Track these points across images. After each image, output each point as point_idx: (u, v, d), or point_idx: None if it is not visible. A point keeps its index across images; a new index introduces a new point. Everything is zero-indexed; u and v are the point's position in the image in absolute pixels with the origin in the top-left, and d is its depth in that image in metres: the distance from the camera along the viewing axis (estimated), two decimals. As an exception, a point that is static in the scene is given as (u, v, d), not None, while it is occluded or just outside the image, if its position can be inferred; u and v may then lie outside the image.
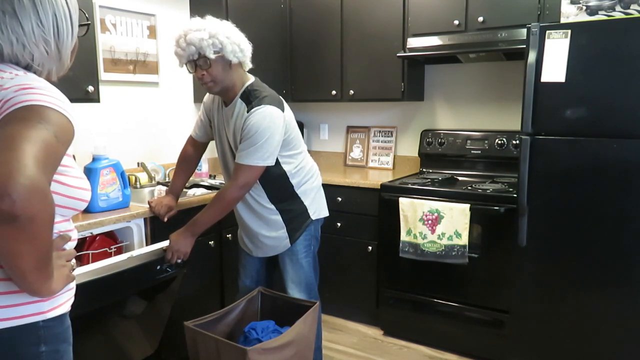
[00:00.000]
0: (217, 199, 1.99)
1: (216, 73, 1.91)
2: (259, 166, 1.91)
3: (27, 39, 1.01)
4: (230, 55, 1.89)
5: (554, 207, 2.23)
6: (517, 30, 2.56)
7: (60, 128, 0.91)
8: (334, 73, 3.28)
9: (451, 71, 3.24)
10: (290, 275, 2.18)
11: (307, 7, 3.33)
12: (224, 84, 1.96)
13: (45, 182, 0.85)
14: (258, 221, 2.11)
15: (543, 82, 2.17)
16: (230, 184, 1.96)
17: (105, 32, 2.68)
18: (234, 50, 1.89)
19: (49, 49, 1.04)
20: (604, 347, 2.19)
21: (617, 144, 2.07)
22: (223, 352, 1.77)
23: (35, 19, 1.01)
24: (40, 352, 0.99)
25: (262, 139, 1.88)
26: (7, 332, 0.95)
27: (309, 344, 2.03)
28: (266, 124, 1.89)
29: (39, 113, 0.89)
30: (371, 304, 3.02)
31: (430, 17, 2.90)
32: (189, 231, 1.99)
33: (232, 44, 1.88)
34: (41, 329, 0.99)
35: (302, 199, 2.11)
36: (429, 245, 2.64)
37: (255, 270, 2.28)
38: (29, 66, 1.03)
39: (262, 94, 1.95)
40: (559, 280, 2.26)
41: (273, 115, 1.91)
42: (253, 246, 2.19)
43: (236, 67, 1.96)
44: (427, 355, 2.75)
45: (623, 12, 2.12)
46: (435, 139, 3.22)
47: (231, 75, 1.95)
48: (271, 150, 1.92)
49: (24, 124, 0.86)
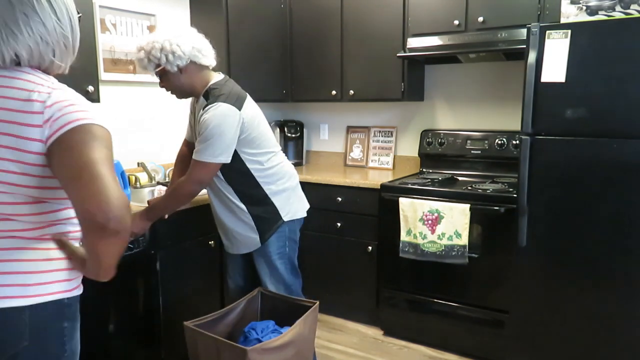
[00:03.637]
0: (172, 190, 2.04)
1: (167, 83, 2.01)
2: (211, 162, 1.93)
3: (50, 37, 1.08)
4: (168, 65, 1.94)
5: (554, 207, 2.23)
6: (517, 30, 2.56)
7: (106, 139, 1.05)
8: (334, 73, 3.28)
9: (451, 71, 3.24)
10: (268, 276, 2.19)
11: (307, 7, 3.33)
12: (181, 89, 2.04)
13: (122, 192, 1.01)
14: (231, 217, 2.12)
15: (543, 82, 2.17)
16: (185, 178, 1.99)
17: (105, 32, 2.68)
18: (170, 59, 1.92)
19: (68, 43, 1.13)
20: (604, 347, 2.19)
21: (617, 144, 2.07)
22: (223, 352, 1.77)
23: (54, 17, 1.08)
24: (63, 327, 1.11)
25: (212, 137, 1.90)
26: (40, 308, 1.06)
27: (309, 344, 2.03)
28: (217, 122, 1.90)
29: (89, 132, 1.01)
30: (371, 304, 3.02)
31: (430, 17, 2.90)
32: (144, 214, 2.04)
33: (167, 54, 1.92)
34: (65, 306, 1.11)
35: (273, 200, 2.11)
36: (429, 245, 2.64)
37: (241, 268, 2.30)
38: (50, 65, 1.11)
39: (220, 92, 1.98)
40: (559, 280, 2.26)
41: (225, 113, 1.92)
42: (228, 242, 2.22)
43: (188, 68, 1.98)
44: (427, 355, 2.75)
45: (623, 12, 2.12)
46: (435, 139, 3.22)
47: (186, 79, 2.00)
48: (223, 148, 1.93)
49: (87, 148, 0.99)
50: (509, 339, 2.46)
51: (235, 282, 2.34)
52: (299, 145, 3.76)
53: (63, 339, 1.12)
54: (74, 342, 1.15)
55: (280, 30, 3.40)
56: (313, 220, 2.60)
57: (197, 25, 2.50)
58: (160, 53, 1.92)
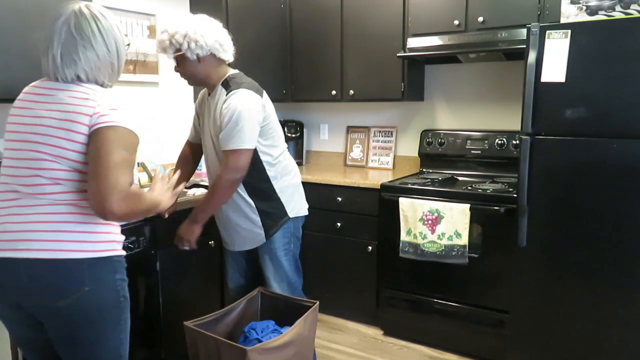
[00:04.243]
0: (212, 187, 2.04)
1: (183, 69, 2.04)
2: (243, 148, 1.95)
3: (101, 63, 1.42)
4: (188, 52, 1.96)
5: (553, 207, 2.23)
6: (517, 30, 2.56)
7: (130, 142, 1.37)
8: (334, 73, 3.28)
9: (451, 71, 3.24)
10: (272, 273, 2.19)
11: (307, 7, 3.33)
12: (196, 77, 2.05)
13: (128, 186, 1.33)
14: (237, 212, 2.12)
15: (543, 82, 2.17)
16: (223, 171, 1.99)
17: (105, 32, 2.68)
18: (192, 47, 1.94)
19: (114, 67, 1.47)
20: (604, 347, 2.19)
21: (617, 144, 2.07)
22: (223, 352, 1.77)
23: (105, 49, 1.42)
24: (116, 279, 1.41)
25: (241, 121, 1.93)
26: (95, 261, 1.35)
27: (309, 344, 2.03)
28: (244, 107, 1.94)
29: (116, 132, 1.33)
30: (371, 304, 3.02)
31: (430, 17, 2.90)
32: (192, 219, 2.06)
33: (190, 41, 1.94)
34: (115, 262, 1.41)
35: (279, 195, 2.13)
36: (429, 245, 2.64)
37: (242, 267, 2.30)
38: (103, 83, 1.44)
39: (241, 81, 2.03)
40: (559, 280, 2.26)
41: (250, 98, 1.97)
42: (230, 239, 2.21)
43: (207, 59, 2.00)
44: (427, 355, 2.75)
45: (623, 12, 2.12)
46: (435, 139, 3.22)
47: (202, 68, 2.02)
48: (253, 132, 1.97)
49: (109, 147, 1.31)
50: (509, 339, 2.46)
51: (234, 281, 2.33)
52: (299, 145, 3.76)
53: (117, 289, 1.41)
54: (126, 292, 1.45)
55: (280, 30, 3.39)
56: (313, 220, 2.60)
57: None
58: (183, 39, 1.93)
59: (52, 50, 1.38)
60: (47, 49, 1.39)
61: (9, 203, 1.35)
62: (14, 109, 1.43)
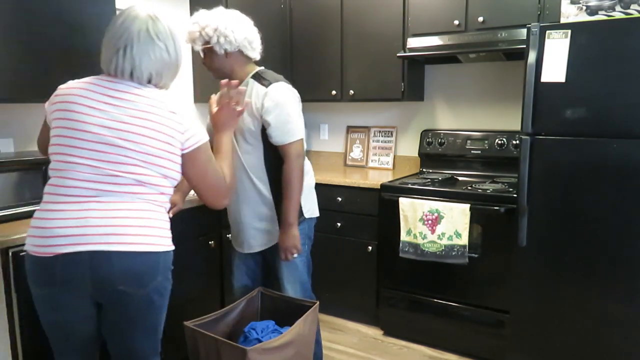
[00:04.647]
0: (286, 184, 2.02)
1: (209, 62, 2.04)
2: (300, 138, 2.02)
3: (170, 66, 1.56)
4: (217, 46, 1.96)
5: (554, 207, 2.23)
6: (517, 30, 2.56)
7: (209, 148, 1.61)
8: (334, 73, 3.28)
9: (451, 71, 3.24)
10: (285, 274, 2.17)
11: (307, 7, 3.33)
12: (222, 71, 2.04)
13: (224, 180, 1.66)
14: (251, 212, 2.10)
15: (543, 82, 2.17)
16: (287, 164, 2.00)
17: (105, 32, 2.68)
18: (221, 42, 1.95)
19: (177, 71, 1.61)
20: (604, 347, 2.19)
21: (617, 144, 2.07)
22: (223, 352, 1.77)
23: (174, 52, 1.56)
24: (171, 270, 1.55)
25: (293, 112, 2.00)
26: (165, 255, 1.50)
27: (309, 344, 2.03)
28: (290, 99, 2.01)
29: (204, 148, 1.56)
30: (371, 304, 3.02)
31: (430, 17, 2.90)
32: (287, 225, 2.04)
33: (220, 36, 1.94)
34: (171, 257, 1.54)
35: None
36: (429, 245, 2.64)
37: (250, 269, 2.27)
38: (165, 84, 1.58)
39: (275, 75, 2.07)
40: (559, 280, 2.26)
41: (292, 91, 2.05)
42: (242, 239, 2.17)
43: (234, 55, 2.01)
44: (427, 355, 2.75)
45: (623, 12, 2.12)
46: (435, 139, 3.22)
47: (228, 63, 2.02)
48: (301, 122, 2.04)
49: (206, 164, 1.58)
50: (509, 339, 2.46)
51: (240, 282, 2.28)
52: (299, 145, 3.76)
53: (170, 279, 1.56)
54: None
55: (280, 30, 3.39)
56: (313, 220, 2.60)
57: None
58: (214, 33, 1.94)
59: (130, 50, 1.47)
60: (125, 48, 1.46)
61: (87, 199, 1.40)
62: (74, 104, 1.44)
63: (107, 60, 1.49)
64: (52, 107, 1.47)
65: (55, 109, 1.46)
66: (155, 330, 1.61)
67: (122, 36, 1.47)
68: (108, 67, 1.50)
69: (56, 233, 1.37)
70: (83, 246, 1.37)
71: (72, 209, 1.39)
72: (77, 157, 1.41)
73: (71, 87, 1.49)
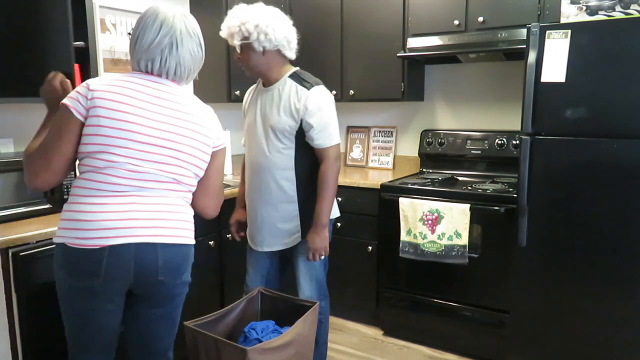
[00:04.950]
0: (322, 188, 2.02)
1: (245, 58, 2.01)
2: (338, 143, 2.05)
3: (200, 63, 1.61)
4: (255, 43, 1.95)
5: (554, 207, 2.23)
6: (517, 30, 2.56)
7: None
8: (334, 73, 3.28)
9: (451, 71, 3.24)
10: (302, 272, 2.17)
11: (307, 7, 3.33)
12: (257, 69, 2.03)
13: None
14: (273, 211, 2.08)
15: (543, 82, 2.17)
16: (326, 166, 2.02)
17: (105, 32, 2.68)
18: (261, 39, 1.94)
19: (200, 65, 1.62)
20: (603, 347, 2.19)
21: (617, 144, 2.07)
22: (223, 352, 1.77)
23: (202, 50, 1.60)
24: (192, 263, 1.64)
25: (332, 116, 2.03)
26: (192, 247, 1.60)
27: (309, 344, 2.03)
28: (330, 103, 2.04)
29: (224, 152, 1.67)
30: (371, 304, 3.02)
31: (430, 17, 2.90)
32: (319, 227, 2.03)
33: (260, 33, 1.93)
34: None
35: None
36: (429, 245, 2.64)
37: (265, 269, 2.24)
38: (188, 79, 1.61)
39: (313, 77, 2.08)
40: (559, 280, 2.26)
41: (330, 95, 2.08)
42: (262, 239, 2.14)
43: (271, 53, 2.00)
44: (427, 355, 2.75)
45: (623, 12, 2.13)
46: (435, 139, 3.22)
47: (265, 61, 2.01)
48: (337, 126, 2.07)
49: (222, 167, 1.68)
50: (509, 339, 2.46)
51: (254, 283, 2.26)
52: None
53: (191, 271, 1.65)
54: None
55: (280, 30, 3.39)
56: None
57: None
58: (254, 29, 1.93)
59: (176, 48, 1.51)
60: (171, 47, 1.50)
61: (129, 194, 1.44)
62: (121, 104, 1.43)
63: (149, 60, 1.50)
64: (89, 102, 1.42)
65: (96, 105, 1.41)
66: (177, 322, 1.68)
67: (167, 35, 1.49)
68: (150, 66, 1.51)
69: (103, 226, 1.40)
70: (130, 238, 1.42)
71: (116, 202, 1.42)
72: (122, 157, 1.43)
73: (113, 84, 1.46)
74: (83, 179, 1.45)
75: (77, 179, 1.47)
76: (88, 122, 1.42)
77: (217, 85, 3.03)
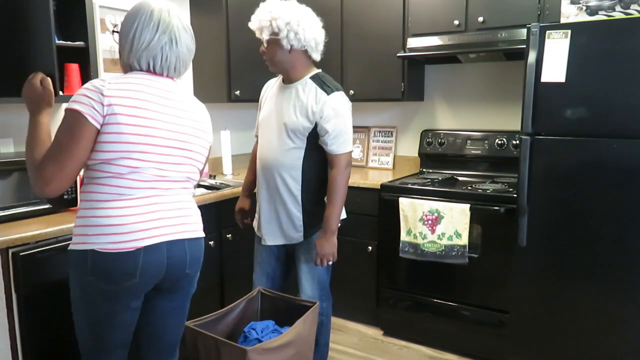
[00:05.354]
0: (332, 193, 2.03)
1: (271, 53, 2.01)
2: (351, 150, 2.06)
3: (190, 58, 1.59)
4: (284, 40, 1.95)
5: (554, 207, 2.23)
6: (517, 30, 2.56)
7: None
8: (334, 73, 3.26)
9: (451, 71, 3.24)
10: (304, 272, 2.17)
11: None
12: (281, 65, 2.03)
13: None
14: (278, 206, 2.09)
15: (543, 82, 2.17)
16: (336, 172, 2.02)
17: (105, 32, 2.68)
18: (290, 37, 1.94)
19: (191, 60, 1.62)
20: (604, 347, 2.19)
21: (617, 144, 2.07)
22: (223, 352, 1.77)
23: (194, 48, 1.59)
24: None
25: (348, 124, 2.04)
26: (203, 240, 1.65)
27: (309, 344, 2.03)
28: (347, 111, 2.04)
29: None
30: (371, 304, 3.02)
31: (430, 17, 2.90)
32: (328, 232, 2.03)
33: (290, 31, 1.93)
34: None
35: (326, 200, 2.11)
36: (429, 245, 2.64)
37: (271, 267, 2.25)
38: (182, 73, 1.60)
39: (334, 82, 2.07)
40: (559, 280, 2.26)
41: (348, 102, 2.07)
42: (266, 231, 2.15)
43: (297, 52, 2.00)
44: (427, 355, 2.75)
45: (623, 12, 2.13)
46: (435, 139, 3.22)
47: (290, 59, 2.01)
48: (351, 134, 2.07)
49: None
50: (509, 339, 2.46)
51: (260, 281, 2.27)
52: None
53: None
54: None
55: (280, 30, 3.39)
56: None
57: (197, 25, 2.50)
58: (285, 26, 1.93)
59: (176, 43, 1.50)
60: (170, 42, 1.49)
61: (151, 196, 1.48)
62: (140, 109, 1.41)
63: (150, 57, 1.48)
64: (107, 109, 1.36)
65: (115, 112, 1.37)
66: (187, 315, 1.74)
67: (166, 32, 1.48)
68: (152, 64, 1.49)
69: (135, 228, 1.43)
70: (161, 237, 1.48)
71: (141, 204, 1.46)
72: (145, 162, 1.44)
73: (125, 88, 1.42)
74: (101, 184, 1.42)
75: (92, 185, 1.43)
76: (106, 129, 1.37)
77: (217, 85, 3.02)
